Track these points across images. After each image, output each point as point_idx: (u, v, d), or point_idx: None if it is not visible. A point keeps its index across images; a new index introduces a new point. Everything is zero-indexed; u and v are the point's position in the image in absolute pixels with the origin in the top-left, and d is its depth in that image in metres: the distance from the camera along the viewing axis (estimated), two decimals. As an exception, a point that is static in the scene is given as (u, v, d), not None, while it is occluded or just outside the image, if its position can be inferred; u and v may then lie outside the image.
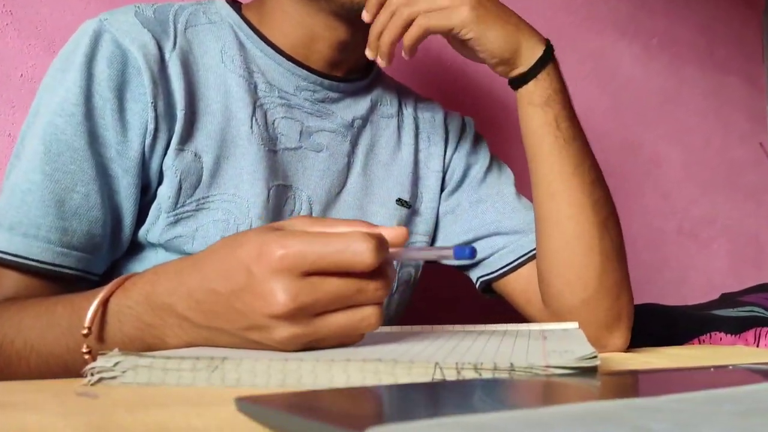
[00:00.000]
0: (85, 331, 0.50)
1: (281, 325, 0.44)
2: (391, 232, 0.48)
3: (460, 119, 0.97)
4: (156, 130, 0.69)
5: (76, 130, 0.66)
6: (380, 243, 0.46)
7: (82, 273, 0.68)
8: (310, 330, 0.45)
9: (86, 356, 0.49)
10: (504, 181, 0.93)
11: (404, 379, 0.40)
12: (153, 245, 0.72)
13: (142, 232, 0.71)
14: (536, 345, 0.50)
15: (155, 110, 0.69)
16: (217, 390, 0.39)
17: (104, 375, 0.40)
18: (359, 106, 0.86)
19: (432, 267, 1.00)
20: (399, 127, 0.90)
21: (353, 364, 0.40)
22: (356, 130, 0.85)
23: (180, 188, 0.70)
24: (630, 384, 0.39)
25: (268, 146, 0.76)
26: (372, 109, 0.88)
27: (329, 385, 0.40)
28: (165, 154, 0.70)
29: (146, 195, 0.71)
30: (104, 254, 0.70)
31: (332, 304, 0.45)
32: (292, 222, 0.49)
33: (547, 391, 0.36)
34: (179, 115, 0.71)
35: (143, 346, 0.50)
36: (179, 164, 0.70)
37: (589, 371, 0.41)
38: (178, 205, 0.71)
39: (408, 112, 0.93)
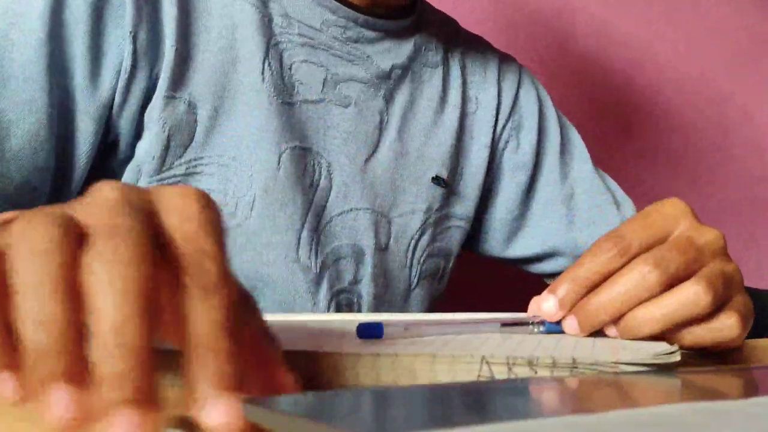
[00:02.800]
0: None
1: None
2: None
3: (517, 72, 0.93)
4: (134, 68, 0.65)
5: (35, 52, 0.62)
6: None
7: None
8: None
9: None
10: (579, 162, 0.92)
11: (444, 376, 0.39)
12: None
13: None
14: (604, 339, 0.50)
15: (134, 42, 0.65)
16: None
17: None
18: (401, 50, 0.81)
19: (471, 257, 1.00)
20: (444, 81, 0.86)
21: (383, 360, 0.40)
22: (393, 82, 0.80)
23: (168, 146, 0.67)
24: (717, 384, 0.39)
25: (282, 98, 0.72)
26: (415, 55, 0.83)
27: (355, 384, 0.39)
28: (145, 101, 0.67)
29: (112, 153, 0.68)
30: None
31: None
32: None
33: (616, 391, 0.35)
34: (169, 51, 0.67)
35: None
36: (169, 116, 0.67)
37: (667, 368, 0.40)
38: (164, 168, 0.67)
39: (455, 60, 0.88)
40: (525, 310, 0.54)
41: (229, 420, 0.26)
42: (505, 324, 0.50)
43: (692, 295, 0.49)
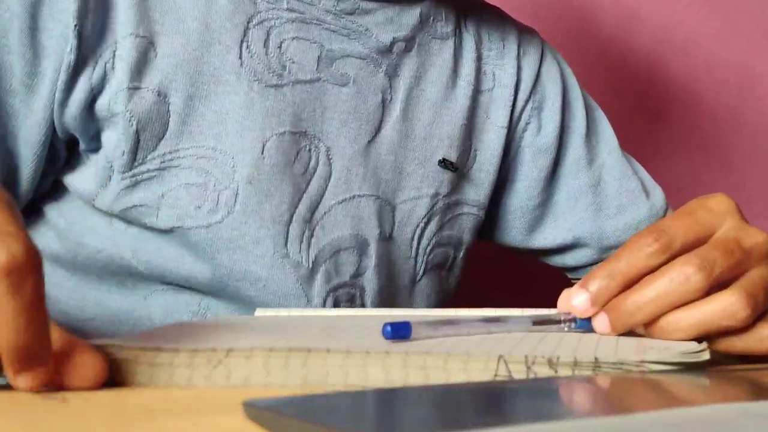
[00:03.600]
0: None
1: None
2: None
3: (539, 46, 0.90)
4: (79, 63, 0.64)
5: None
6: None
7: None
8: None
9: None
10: (606, 146, 0.90)
11: (459, 376, 0.39)
12: (106, 215, 0.69)
13: (85, 195, 0.68)
14: (628, 338, 0.49)
15: (79, 37, 0.64)
16: (221, 391, 0.39)
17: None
18: (403, 21, 0.78)
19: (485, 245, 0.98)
20: (456, 53, 0.83)
21: (394, 358, 0.40)
22: (396, 56, 0.78)
23: (138, 141, 0.66)
24: (749, 383, 0.40)
25: (265, 80, 0.70)
26: (421, 26, 0.80)
27: (363, 385, 0.40)
28: (95, 95, 0.66)
29: (72, 150, 0.67)
30: None
31: None
32: None
33: (641, 392, 0.35)
34: (125, 40, 0.65)
35: None
36: (135, 108, 0.65)
37: (696, 367, 0.41)
38: (136, 163, 0.66)
39: (469, 31, 0.85)
40: (532, 305, 0.53)
41: None
42: (537, 322, 0.50)
43: (731, 306, 0.48)
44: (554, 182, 0.90)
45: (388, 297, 0.78)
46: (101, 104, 0.65)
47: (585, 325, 0.50)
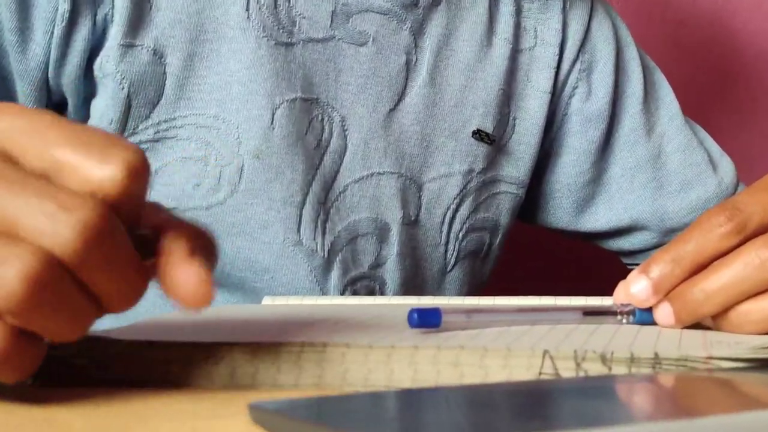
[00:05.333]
0: None
1: None
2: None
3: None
4: (73, 14, 0.64)
5: None
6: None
7: None
8: None
9: None
10: (667, 113, 0.89)
11: (498, 374, 0.39)
12: None
13: None
14: (693, 331, 0.49)
15: None
16: (223, 392, 0.39)
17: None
18: None
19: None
20: (491, 7, 0.82)
21: (423, 353, 0.39)
22: (423, 11, 0.77)
23: (129, 107, 0.66)
24: None
25: (275, 37, 0.70)
26: None
27: (387, 384, 0.39)
28: (92, 53, 0.66)
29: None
30: None
31: None
32: None
33: (708, 392, 0.35)
34: None
35: None
36: (127, 68, 0.66)
37: None
38: (126, 133, 0.66)
39: None
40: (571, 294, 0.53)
41: None
42: (588, 312, 0.49)
43: None
44: (607, 155, 0.89)
45: (413, 290, 0.78)
46: (103, 65, 0.66)
47: (645, 318, 0.49)
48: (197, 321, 0.49)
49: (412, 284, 0.78)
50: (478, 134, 0.80)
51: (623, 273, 0.52)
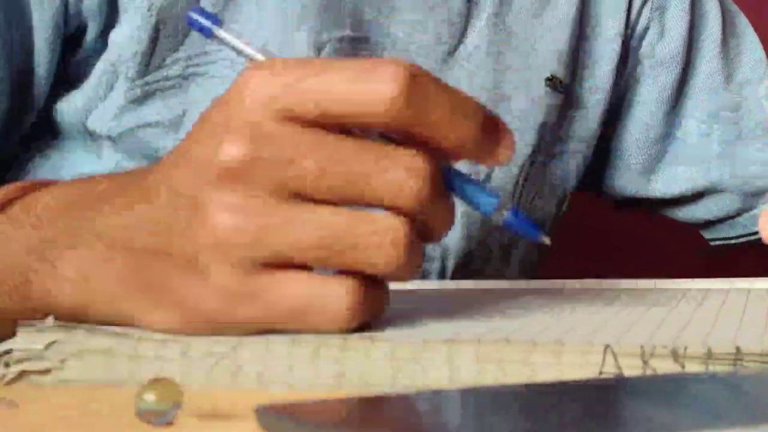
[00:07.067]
0: None
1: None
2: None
3: None
4: None
5: None
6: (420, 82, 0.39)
7: None
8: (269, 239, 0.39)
9: None
10: (749, 58, 0.88)
11: (549, 372, 0.39)
12: (96, 137, 0.70)
13: (74, 113, 0.69)
14: None
15: None
16: (225, 393, 0.39)
17: (29, 366, 0.40)
18: None
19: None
20: None
21: (459, 348, 0.39)
22: None
23: (156, 38, 0.67)
24: None
25: None
26: None
27: (416, 384, 0.39)
28: None
29: (71, 50, 0.69)
30: None
31: (321, 182, 0.39)
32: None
33: None
34: None
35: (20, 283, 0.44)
36: None
37: None
38: (152, 67, 0.67)
39: None
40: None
41: None
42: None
43: None
44: (681, 105, 0.89)
45: (473, 272, 0.78)
46: None
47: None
48: None
49: (474, 256, 0.79)
50: (552, 81, 0.81)
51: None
